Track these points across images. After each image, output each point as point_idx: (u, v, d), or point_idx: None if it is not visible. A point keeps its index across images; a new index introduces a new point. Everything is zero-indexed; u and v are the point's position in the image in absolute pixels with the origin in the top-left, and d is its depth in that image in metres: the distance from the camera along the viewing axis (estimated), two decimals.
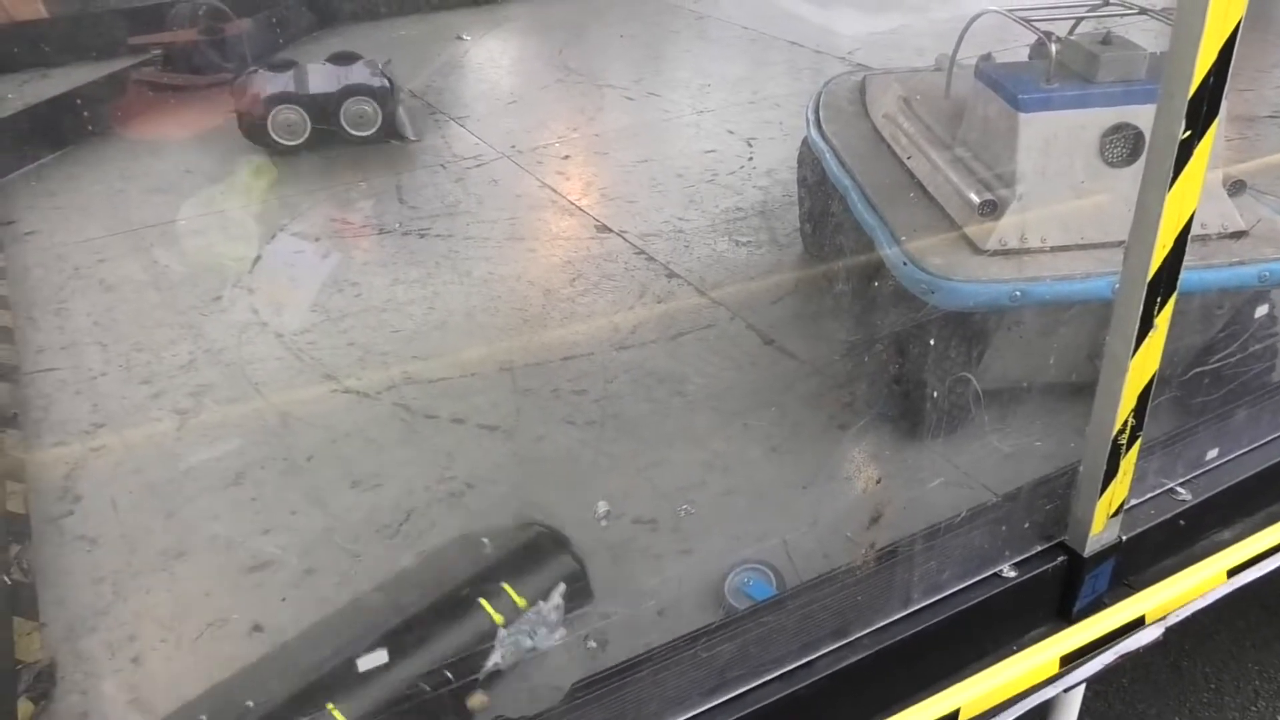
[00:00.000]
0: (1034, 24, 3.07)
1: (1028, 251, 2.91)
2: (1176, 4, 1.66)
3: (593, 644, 2.43)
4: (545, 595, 2.40)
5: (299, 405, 3.38)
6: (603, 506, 2.88)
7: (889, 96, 3.74)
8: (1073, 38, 3.08)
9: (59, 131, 5.57)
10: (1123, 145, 2.91)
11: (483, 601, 2.32)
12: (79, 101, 5.70)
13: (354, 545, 2.78)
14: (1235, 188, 2.97)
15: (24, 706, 2.31)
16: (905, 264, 2.95)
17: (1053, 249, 2.91)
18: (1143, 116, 2.87)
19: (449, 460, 3.09)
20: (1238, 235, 2.87)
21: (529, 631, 2.34)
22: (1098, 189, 2.93)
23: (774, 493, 2.93)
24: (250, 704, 2.15)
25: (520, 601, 2.34)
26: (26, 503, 2.96)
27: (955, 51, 3.40)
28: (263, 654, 2.39)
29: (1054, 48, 2.99)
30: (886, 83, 3.87)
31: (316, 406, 3.37)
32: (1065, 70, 3.02)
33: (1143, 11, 3.08)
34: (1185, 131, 1.71)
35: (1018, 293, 2.81)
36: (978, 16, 3.22)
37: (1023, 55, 3.38)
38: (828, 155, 3.61)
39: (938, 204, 3.13)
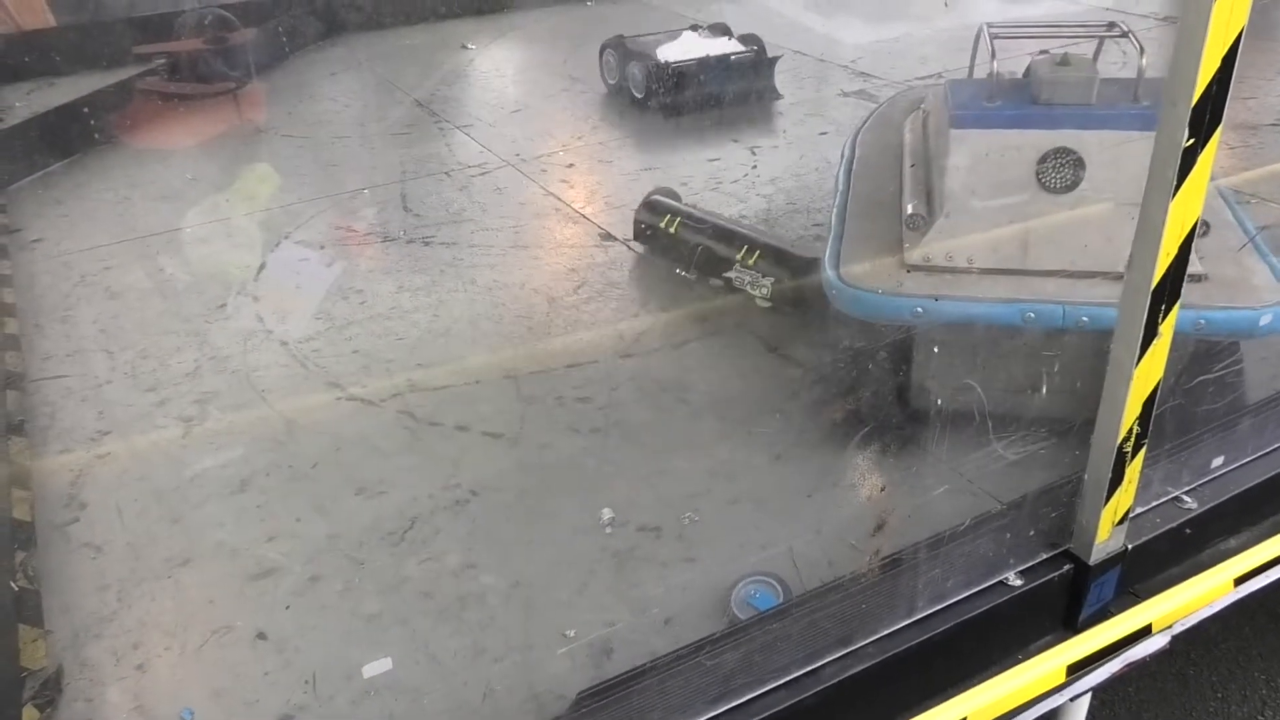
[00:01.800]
0: (991, 43, 3.03)
1: (952, 270, 2.85)
2: (1179, 14, 1.67)
3: None
4: None
5: (304, 413, 3.38)
6: (607, 514, 2.88)
7: (917, 108, 3.73)
8: (1040, 57, 3.03)
9: (66, 139, 5.60)
10: (1062, 171, 2.82)
11: None
12: (86, 110, 5.72)
13: (358, 552, 2.78)
14: (1197, 228, 2.90)
15: (29, 714, 2.31)
16: (825, 267, 2.94)
17: (980, 271, 2.84)
18: (1086, 142, 2.79)
19: (453, 467, 3.10)
20: (1195, 279, 2.75)
21: None
22: (1033, 214, 2.85)
23: (778, 500, 2.93)
24: None
25: None
26: (32, 510, 2.96)
27: (972, 63, 3.38)
28: None
29: (994, 64, 2.94)
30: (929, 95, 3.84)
31: (321, 414, 3.38)
32: (1018, 90, 2.97)
33: (1126, 34, 3.04)
34: (1189, 139, 1.71)
35: (919, 309, 2.76)
36: (981, 30, 3.20)
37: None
38: (843, 162, 3.61)
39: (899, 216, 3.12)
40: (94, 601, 2.66)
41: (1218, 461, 2.50)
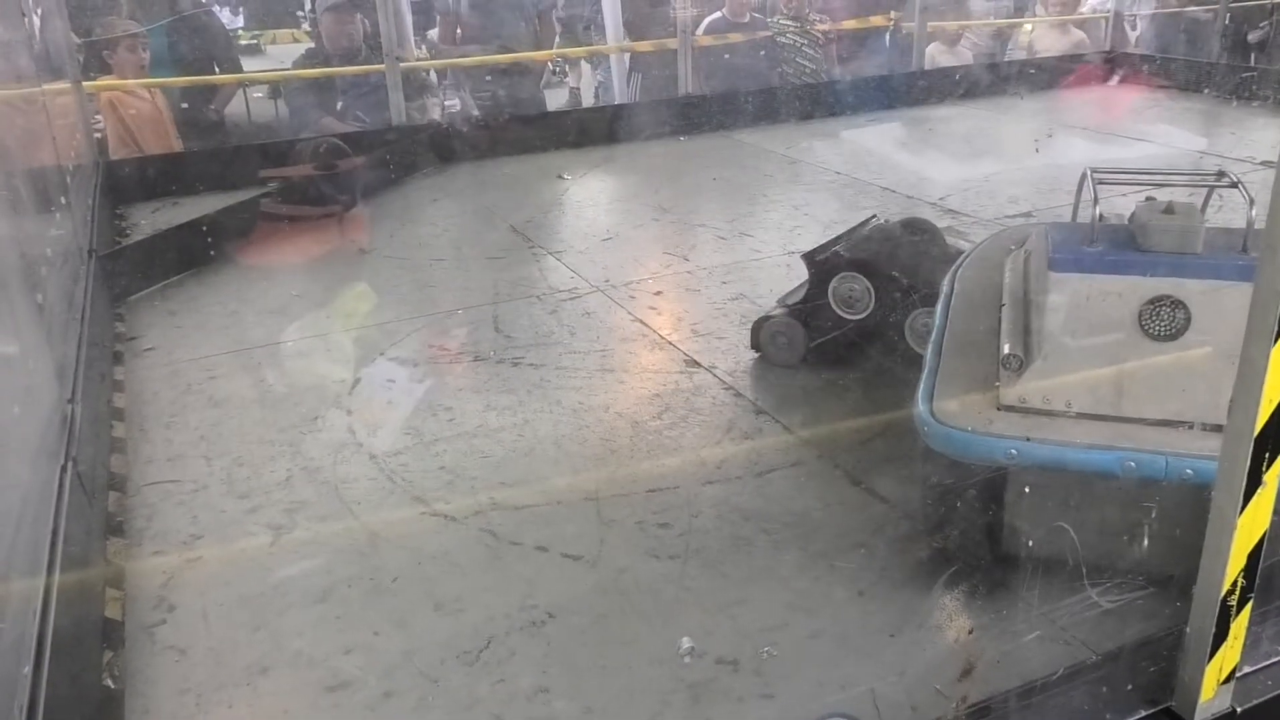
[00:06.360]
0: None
1: (1050, 413, 2.80)
2: (1277, 158, 1.67)
3: None
4: None
5: (388, 526, 3.44)
6: (686, 643, 2.83)
7: (1018, 248, 3.74)
8: (1144, 203, 3.03)
9: (185, 255, 5.94)
10: (1165, 319, 2.78)
11: None
12: (204, 228, 6.08)
13: (433, 669, 2.78)
14: None
15: None
16: (919, 402, 2.92)
17: (1078, 415, 2.79)
18: (1190, 291, 2.75)
19: (530, 588, 3.10)
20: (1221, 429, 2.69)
21: None
22: (1135, 360, 2.80)
23: (860, 638, 2.85)
24: None
25: None
26: (123, 610, 3.04)
27: (1076, 207, 3.38)
28: None
29: (1097, 210, 2.95)
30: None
31: (405, 528, 3.42)
32: (1120, 235, 2.96)
33: (1235, 185, 3.02)
34: None
35: (1014, 450, 2.71)
36: (1085, 174, 3.20)
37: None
38: (941, 298, 3.62)
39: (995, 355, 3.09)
40: (174, 704, 2.69)
41: None
